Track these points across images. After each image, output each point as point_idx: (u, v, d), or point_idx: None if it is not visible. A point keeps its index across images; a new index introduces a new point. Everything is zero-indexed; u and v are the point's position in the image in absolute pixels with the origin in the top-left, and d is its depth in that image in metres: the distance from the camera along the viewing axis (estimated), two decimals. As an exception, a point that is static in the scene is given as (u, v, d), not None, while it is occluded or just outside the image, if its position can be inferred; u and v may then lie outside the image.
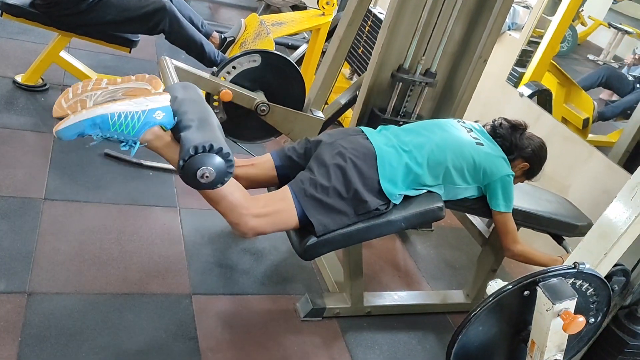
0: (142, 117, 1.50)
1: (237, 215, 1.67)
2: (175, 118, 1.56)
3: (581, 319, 1.27)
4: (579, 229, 2.23)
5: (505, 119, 2.13)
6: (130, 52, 3.14)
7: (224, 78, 2.42)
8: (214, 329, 1.98)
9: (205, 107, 1.64)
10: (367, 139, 1.90)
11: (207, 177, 1.47)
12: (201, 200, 1.66)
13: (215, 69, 2.48)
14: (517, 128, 2.10)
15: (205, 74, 2.36)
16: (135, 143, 1.52)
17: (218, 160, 1.47)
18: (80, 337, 1.78)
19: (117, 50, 3.14)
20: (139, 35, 3.11)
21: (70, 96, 1.52)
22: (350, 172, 1.78)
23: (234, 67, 2.42)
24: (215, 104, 2.47)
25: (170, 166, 2.55)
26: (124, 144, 1.52)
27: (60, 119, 1.47)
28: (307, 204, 1.75)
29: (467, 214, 2.52)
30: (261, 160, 1.97)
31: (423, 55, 2.40)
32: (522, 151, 2.07)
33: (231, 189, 1.63)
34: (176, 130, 1.55)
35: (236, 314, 2.07)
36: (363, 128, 1.98)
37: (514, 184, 2.12)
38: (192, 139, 1.47)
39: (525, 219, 2.17)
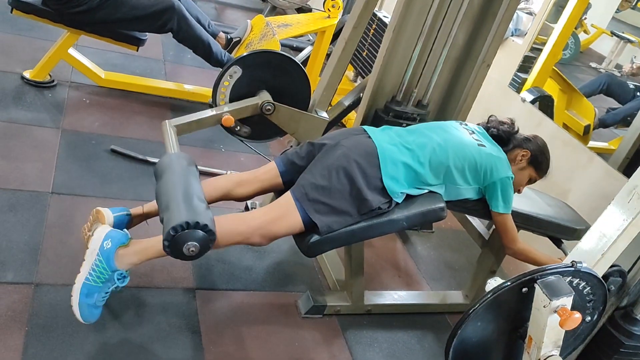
0: (102, 258, 1.71)
1: (242, 240, 1.81)
2: (126, 233, 1.78)
3: (577, 315, 1.30)
4: (578, 233, 2.27)
5: (495, 117, 2.20)
6: (137, 50, 3.19)
7: (228, 82, 2.44)
8: (217, 323, 2.01)
9: (187, 180, 1.82)
10: (370, 137, 1.94)
11: (192, 251, 1.63)
12: (206, 196, 1.71)
13: (211, 101, 2.51)
14: (505, 124, 2.17)
15: (203, 113, 2.36)
16: (121, 275, 1.73)
17: (199, 234, 1.62)
18: (85, 328, 1.81)
19: (124, 49, 3.19)
20: (147, 33, 3.15)
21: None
22: (353, 171, 1.82)
23: (239, 68, 2.45)
24: (232, 125, 2.48)
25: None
26: (120, 281, 1.73)
27: None
28: (310, 208, 1.79)
29: (467, 216, 2.56)
30: (265, 170, 2.05)
31: (427, 60, 2.43)
32: (517, 140, 2.13)
33: (225, 234, 1.75)
34: (160, 215, 1.72)
35: (238, 309, 2.10)
36: (366, 127, 2.02)
37: (523, 176, 2.14)
38: (171, 220, 1.62)
39: (525, 221, 2.21)
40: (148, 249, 1.75)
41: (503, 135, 2.13)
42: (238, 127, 2.51)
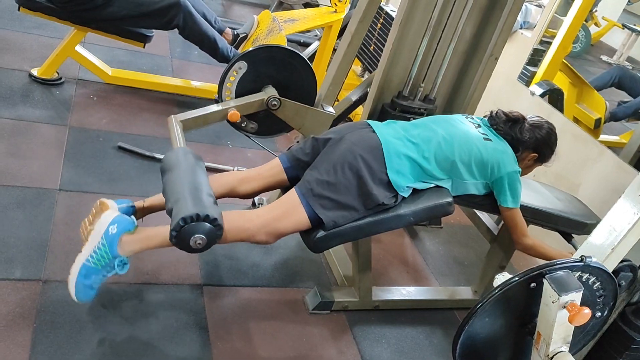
0: (105, 242, 1.70)
1: (248, 237, 1.80)
2: (133, 220, 1.76)
3: (587, 310, 1.28)
4: (588, 227, 2.24)
5: (503, 112, 2.10)
6: (144, 47, 3.19)
7: (236, 72, 2.43)
8: (224, 319, 2.01)
9: (195, 174, 1.81)
10: (374, 131, 1.92)
11: (199, 243, 1.64)
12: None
13: (217, 97, 2.50)
14: (516, 122, 2.06)
15: (209, 108, 2.35)
16: (122, 262, 1.73)
17: (207, 226, 1.63)
18: (93, 324, 1.81)
19: (131, 45, 3.19)
20: (153, 30, 3.15)
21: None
22: (358, 166, 1.80)
23: (245, 63, 2.44)
24: (239, 121, 2.48)
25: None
26: (119, 268, 1.73)
27: None
28: (316, 203, 1.78)
29: (476, 211, 2.54)
30: (269, 166, 2.04)
31: (434, 54, 2.41)
32: (526, 144, 2.05)
33: (230, 229, 1.74)
34: (168, 206, 1.71)
35: (246, 305, 2.10)
36: (370, 121, 2.01)
37: (529, 171, 2.11)
38: (180, 211, 1.62)
39: (534, 216, 2.18)
40: (152, 238, 1.73)
41: (510, 140, 2.05)
42: (244, 123, 2.50)
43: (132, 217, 1.80)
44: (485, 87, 2.57)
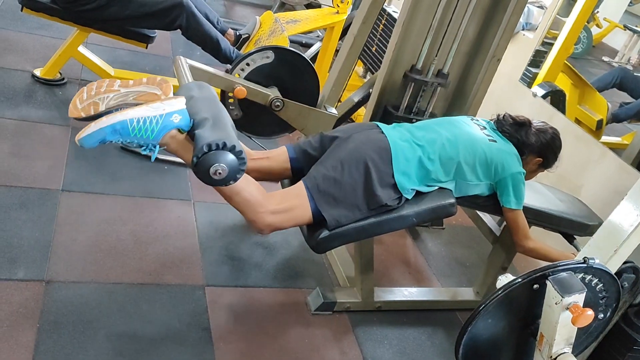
0: (160, 121, 1.56)
1: (254, 213, 1.71)
2: (191, 120, 1.60)
3: (590, 312, 1.29)
4: (590, 229, 2.24)
5: (510, 115, 2.11)
6: (146, 47, 3.19)
7: (239, 75, 2.45)
8: (227, 320, 2.01)
9: (218, 106, 1.68)
10: (382, 133, 1.92)
11: (219, 173, 1.51)
12: (215, 194, 1.70)
13: (229, 66, 2.50)
14: (522, 125, 2.08)
15: (219, 71, 2.39)
16: (155, 147, 1.59)
17: (231, 157, 1.51)
18: (96, 324, 1.82)
19: (133, 46, 3.19)
20: (156, 31, 3.15)
21: (84, 97, 1.59)
22: (365, 166, 1.80)
23: (247, 64, 2.45)
24: (231, 100, 2.51)
25: (185, 160, 2.58)
26: (144, 147, 1.58)
27: (76, 118, 1.56)
28: (320, 199, 1.77)
29: (478, 213, 2.54)
30: (276, 152, 1.99)
31: (436, 55, 2.41)
32: (532, 147, 2.06)
33: (245, 185, 1.66)
34: (191, 129, 1.59)
35: (248, 305, 2.10)
36: (378, 123, 2.01)
37: (532, 176, 2.12)
38: (206, 136, 1.51)
39: (536, 217, 2.18)
40: (187, 148, 1.60)
41: (516, 143, 2.05)
42: (232, 107, 2.49)
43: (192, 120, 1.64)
44: (488, 88, 2.58)
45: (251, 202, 1.69)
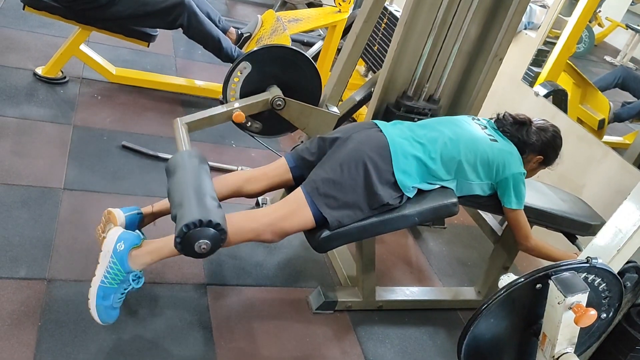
0: (115, 260, 1.71)
1: (254, 237, 1.81)
2: (139, 234, 1.78)
3: (593, 312, 1.28)
4: (593, 229, 2.24)
5: (510, 114, 2.11)
6: (148, 46, 3.19)
7: (240, 72, 2.44)
8: (228, 318, 2.01)
9: (198, 178, 1.81)
10: (381, 131, 1.92)
11: (204, 248, 1.64)
12: (216, 194, 1.70)
13: (221, 97, 2.51)
14: (522, 124, 2.08)
15: (214, 110, 2.36)
16: (136, 276, 1.74)
17: (211, 232, 1.62)
18: (97, 323, 1.81)
19: (135, 45, 3.19)
20: (157, 29, 3.15)
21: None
22: (365, 165, 1.80)
23: (247, 65, 2.44)
24: (247, 123, 2.49)
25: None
26: (135, 282, 1.74)
27: None
28: (321, 202, 1.78)
29: (480, 212, 2.53)
30: (275, 166, 2.04)
31: (438, 55, 2.40)
32: (533, 146, 2.06)
33: (236, 230, 1.75)
34: (172, 212, 1.72)
35: (249, 305, 2.10)
36: (377, 121, 2.00)
37: (533, 174, 2.11)
38: (183, 217, 1.62)
39: (538, 217, 2.18)
40: (161, 249, 1.75)
41: (517, 142, 2.05)
42: (249, 123, 2.51)
43: (137, 231, 1.82)
44: (490, 88, 2.57)
45: (248, 235, 1.80)
